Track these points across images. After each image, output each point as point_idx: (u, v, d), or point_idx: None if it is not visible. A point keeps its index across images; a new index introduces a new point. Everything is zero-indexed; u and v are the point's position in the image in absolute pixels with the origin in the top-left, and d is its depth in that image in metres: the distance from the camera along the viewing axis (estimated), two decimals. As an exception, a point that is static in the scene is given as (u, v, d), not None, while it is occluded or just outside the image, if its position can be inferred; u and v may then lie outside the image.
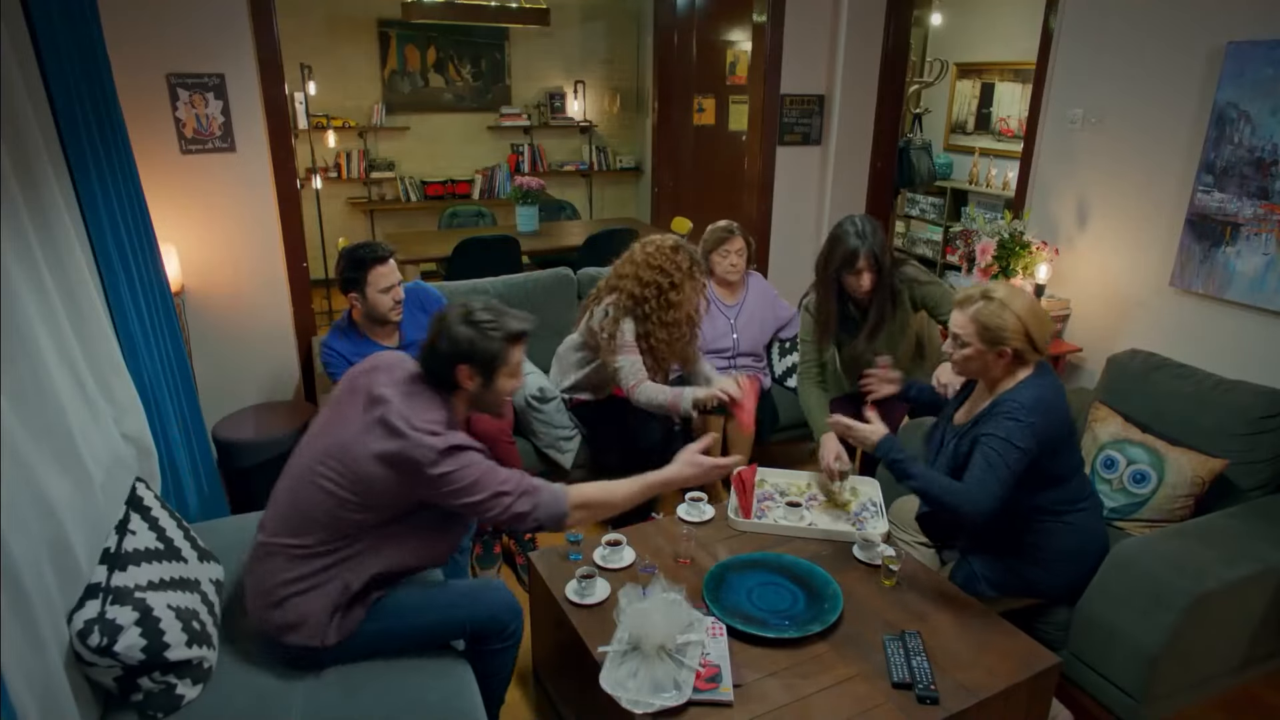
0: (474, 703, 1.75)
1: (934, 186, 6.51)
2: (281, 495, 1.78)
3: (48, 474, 1.57)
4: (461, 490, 1.67)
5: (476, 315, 1.77)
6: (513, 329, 1.79)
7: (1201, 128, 2.89)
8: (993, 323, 1.96)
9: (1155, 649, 1.93)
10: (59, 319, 1.82)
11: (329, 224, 6.18)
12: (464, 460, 1.68)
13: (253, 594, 1.76)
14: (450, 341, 1.74)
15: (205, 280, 3.24)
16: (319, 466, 1.70)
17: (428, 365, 1.79)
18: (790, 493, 2.50)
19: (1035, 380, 2.01)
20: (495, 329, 1.77)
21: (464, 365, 1.75)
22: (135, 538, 1.77)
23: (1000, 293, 1.99)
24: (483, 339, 1.75)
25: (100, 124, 2.19)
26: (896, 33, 4.39)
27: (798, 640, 1.85)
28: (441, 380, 1.78)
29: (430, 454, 1.64)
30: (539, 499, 1.74)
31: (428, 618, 1.82)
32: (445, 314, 1.78)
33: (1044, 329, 2.00)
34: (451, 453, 1.66)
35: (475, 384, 1.78)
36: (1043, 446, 1.96)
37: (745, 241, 3.28)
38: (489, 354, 1.76)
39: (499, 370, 1.79)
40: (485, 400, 1.84)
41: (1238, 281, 2.83)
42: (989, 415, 2.02)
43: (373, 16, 6.33)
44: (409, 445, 1.64)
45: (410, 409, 1.69)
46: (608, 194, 7.68)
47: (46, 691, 1.41)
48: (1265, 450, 2.34)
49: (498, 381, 1.81)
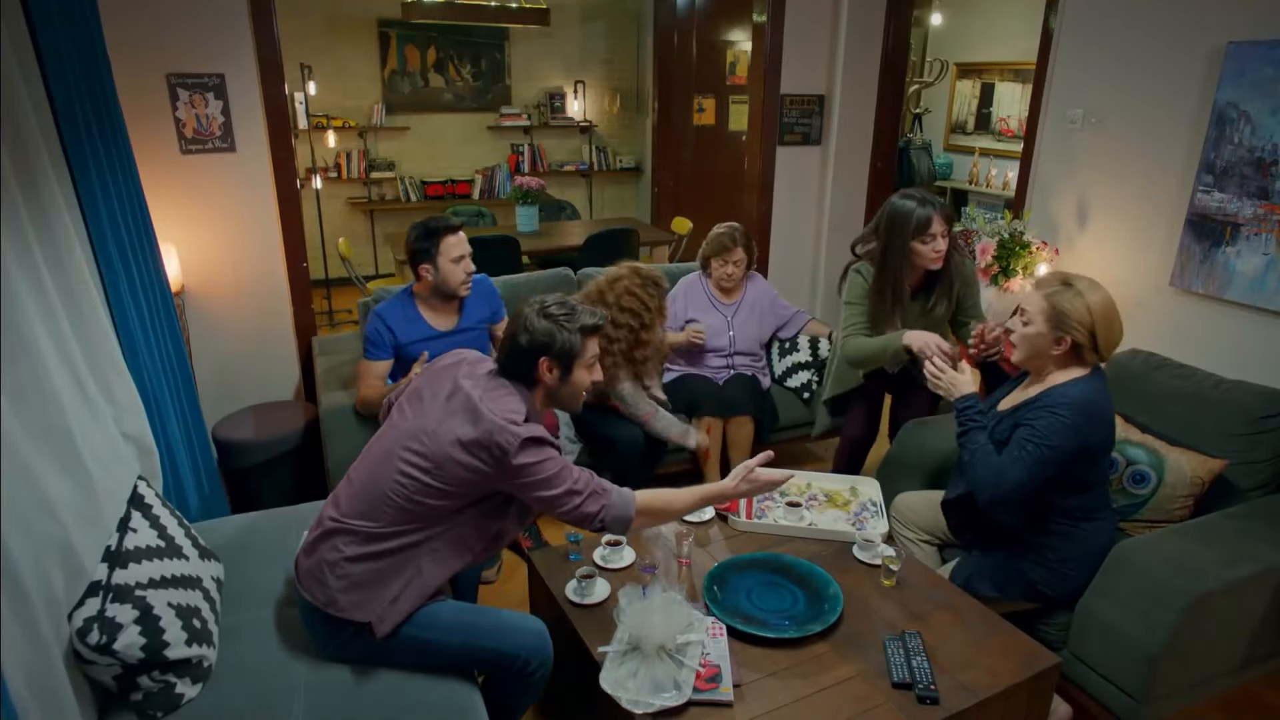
0: (476, 704, 1.75)
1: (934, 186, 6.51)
2: (360, 477, 1.79)
3: (48, 474, 1.57)
4: (538, 483, 1.71)
5: (552, 309, 1.82)
6: (587, 322, 1.85)
7: (1201, 128, 2.89)
8: (1064, 307, 1.97)
9: (1155, 649, 1.93)
10: (59, 319, 1.82)
11: (329, 224, 6.19)
12: (544, 454, 1.72)
13: (311, 567, 1.75)
14: (530, 334, 1.79)
15: (205, 280, 3.24)
16: (402, 451, 1.72)
17: (508, 360, 1.83)
18: (790, 493, 2.50)
19: (1088, 382, 2.00)
20: (572, 321, 1.81)
21: (544, 358, 1.80)
22: (136, 535, 1.77)
23: (1081, 284, 2.00)
24: (561, 331, 1.79)
25: (100, 124, 2.19)
26: (896, 33, 4.39)
27: (798, 640, 1.85)
28: (521, 374, 1.82)
29: (513, 442, 1.67)
30: (608, 500, 1.77)
31: (458, 638, 1.79)
32: (522, 310, 1.84)
33: (1111, 332, 1.99)
34: (532, 444, 1.70)
35: (554, 377, 1.83)
36: (1079, 450, 1.96)
37: (747, 251, 3.27)
38: (568, 346, 1.80)
39: (576, 362, 1.84)
40: (562, 394, 1.87)
41: (1238, 281, 2.83)
42: (1034, 405, 2.01)
43: (373, 16, 6.33)
44: (493, 432, 1.67)
45: (493, 400, 1.74)
46: (608, 194, 7.68)
47: (47, 690, 1.41)
48: (1265, 450, 2.33)
49: (575, 374, 1.85)
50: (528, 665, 1.81)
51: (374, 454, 1.81)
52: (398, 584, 1.74)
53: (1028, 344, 2.04)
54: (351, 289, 5.68)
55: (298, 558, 1.82)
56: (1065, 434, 1.93)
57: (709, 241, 3.29)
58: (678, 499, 1.90)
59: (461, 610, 1.84)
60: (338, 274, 6.06)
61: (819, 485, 2.57)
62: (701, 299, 3.34)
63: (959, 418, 2.11)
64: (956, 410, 2.13)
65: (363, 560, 1.72)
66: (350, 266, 4.94)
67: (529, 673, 1.82)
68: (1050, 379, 2.04)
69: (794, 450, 3.74)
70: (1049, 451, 1.93)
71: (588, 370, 1.88)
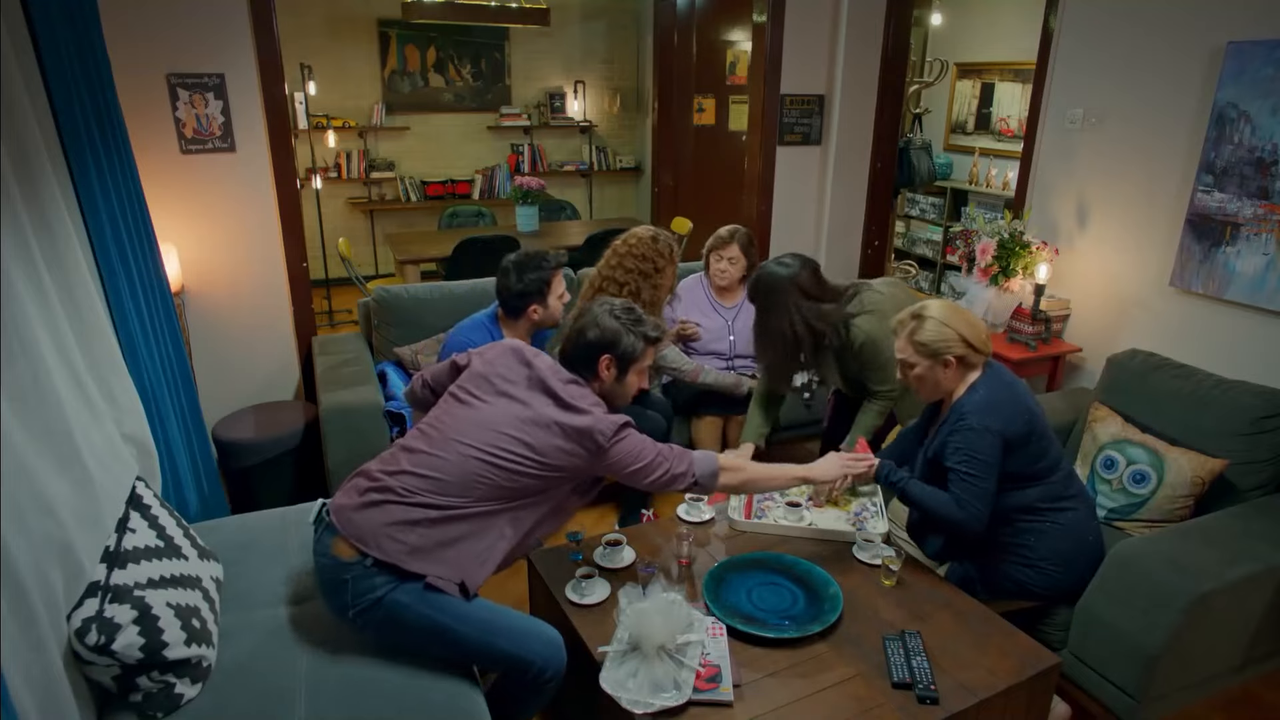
0: (477, 703, 1.75)
1: (934, 186, 6.50)
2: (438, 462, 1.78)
3: (47, 474, 1.57)
4: (633, 461, 1.84)
5: (619, 313, 1.95)
6: (650, 332, 1.97)
7: (1201, 128, 2.89)
8: (926, 337, 2.05)
9: (1155, 649, 1.93)
10: (59, 319, 1.82)
11: (329, 224, 6.19)
12: (628, 433, 1.85)
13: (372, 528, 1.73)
14: (600, 331, 1.90)
15: (205, 280, 3.24)
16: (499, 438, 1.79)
17: (574, 352, 1.93)
18: (790, 493, 2.50)
19: (982, 382, 2.06)
20: (638, 326, 1.95)
21: (607, 355, 1.91)
22: (135, 535, 1.77)
23: (927, 309, 2.08)
24: (628, 334, 1.92)
25: (100, 124, 2.19)
26: (896, 33, 4.39)
27: (798, 640, 1.85)
28: (582, 369, 1.93)
29: (609, 432, 1.81)
30: (693, 457, 1.92)
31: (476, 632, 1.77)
32: (591, 309, 1.96)
33: (975, 329, 2.06)
34: (624, 429, 1.84)
35: (611, 375, 1.93)
36: (1005, 445, 1.99)
37: (745, 253, 3.25)
38: (630, 349, 1.92)
39: (633, 366, 1.95)
40: (614, 394, 1.97)
41: (1238, 281, 2.83)
42: (946, 422, 2.07)
43: (373, 16, 6.33)
44: (593, 424, 1.80)
45: (580, 393, 1.87)
46: (608, 194, 7.68)
47: (46, 691, 1.41)
48: (1265, 450, 2.34)
49: (629, 376, 1.96)
50: (543, 673, 1.80)
51: (452, 432, 1.83)
52: (482, 544, 1.79)
53: (926, 384, 2.11)
54: (351, 289, 5.68)
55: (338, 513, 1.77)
56: (983, 438, 1.97)
57: (710, 240, 3.31)
58: (764, 469, 2.08)
59: (481, 605, 1.83)
60: (338, 274, 6.07)
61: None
62: (702, 302, 3.34)
63: (888, 485, 2.18)
64: (881, 480, 2.19)
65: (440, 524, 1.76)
66: (350, 266, 4.94)
67: (543, 680, 1.82)
68: (954, 397, 2.09)
69: (795, 451, 3.74)
70: (981, 463, 1.98)
71: (639, 376, 1.98)
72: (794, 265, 2.53)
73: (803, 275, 2.51)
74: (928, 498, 2.07)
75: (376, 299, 3.29)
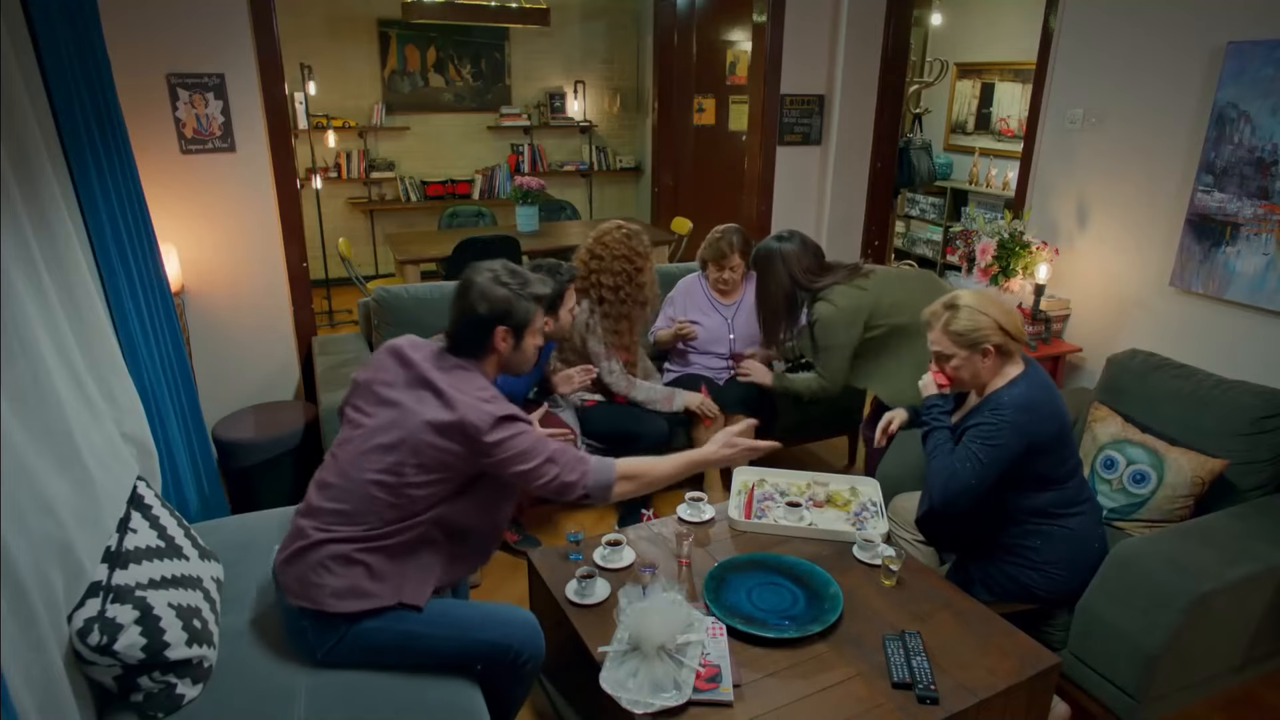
0: (477, 703, 1.75)
1: (934, 186, 6.51)
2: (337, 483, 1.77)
3: (48, 474, 1.57)
4: (515, 457, 1.73)
5: (505, 277, 1.83)
6: (540, 291, 1.87)
7: (1201, 128, 2.89)
8: (964, 327, 2.02)
9: (1155, 649, 1.93)
10: (59, 319, 1.82)
11: (329, 224, 6.19)
12: (516, 429, 1.74)
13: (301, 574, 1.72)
14: (490, 303, 1.79)
15: (205, 280, 3.24)
16: (376, 448, 1.73)
17: (465, 330, 1.83)
18: (790, 493, 2.50)
19: (1024, 379, 2.04)
20: (526, 289, 1.84)
21: (501, 327, 1.81)
22: (136, 536, 1.77)
23: (960, 298, 2.06)
24: (519, 300, 1.82)
25: (100, 124, 2.19)
26: (896, 33, 4.39)
27: (798, 640, 1.85)
28: (474, 346, 1.83)
29: (486, 421, 1.70)
30: (588, 467, 1.80)
31: (450, 632, 1.78)
32: (472, 279, 1.83)
33: (1012, 319, 2.04)
34: (505, 421, 1.72)
35: (507, 345, 1.84)
36: (1031, 446, 1.98)
37: (744, 255, 3.24)
38: (525, 314, 1.83)
39: (528, 330, 1.86)
40: (513, 362, 1.90)
41: (1238, 281, 2.83)
42: (978, 412, 2.05)
43: (373, 16, 6.33)
44: (465, 412, 1.70)
45: (459, 380, 1.76)
46: (608, 194, 7.68)
47: (46, 691, 1.41)
48: (1265, 450, 2.33)
49: (525, 340, 1.87)
50: (519, 656, 1.81)
51: (346, 457, 1.79)
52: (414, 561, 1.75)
53: (962, 373, 2.08)
54: (351, 289, 5.68)
55: (277, 568, 1.80)
56: (1009, 432, 1.96)
57: (707, 245, 3.28)
58: (662, 464, 1.91)
59: (449, 605, 1.84)
60: (338, 274, 6.06)
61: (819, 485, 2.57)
62: (701, 300, 3.34)
63: (924, 416, 2.18)
64: (924, 408, 2.19)
65: (357, 561, 1.71)
66: (350, 266, 4.94)
67: (521, 663, 1.83)
68: (990, 387, 2.08)
69: (794, 451, 3.74)
70: (995, 451, 1.96)
71: (535, 337, 1.89)
72: (789, 239, 2.84)
73: (794, 246, 2.81)
74: (940, 450, 2.06)
75: (376, 299, 3.29)
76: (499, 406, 1.74)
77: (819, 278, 2.80)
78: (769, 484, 2.57)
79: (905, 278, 2.91)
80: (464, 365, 1.82)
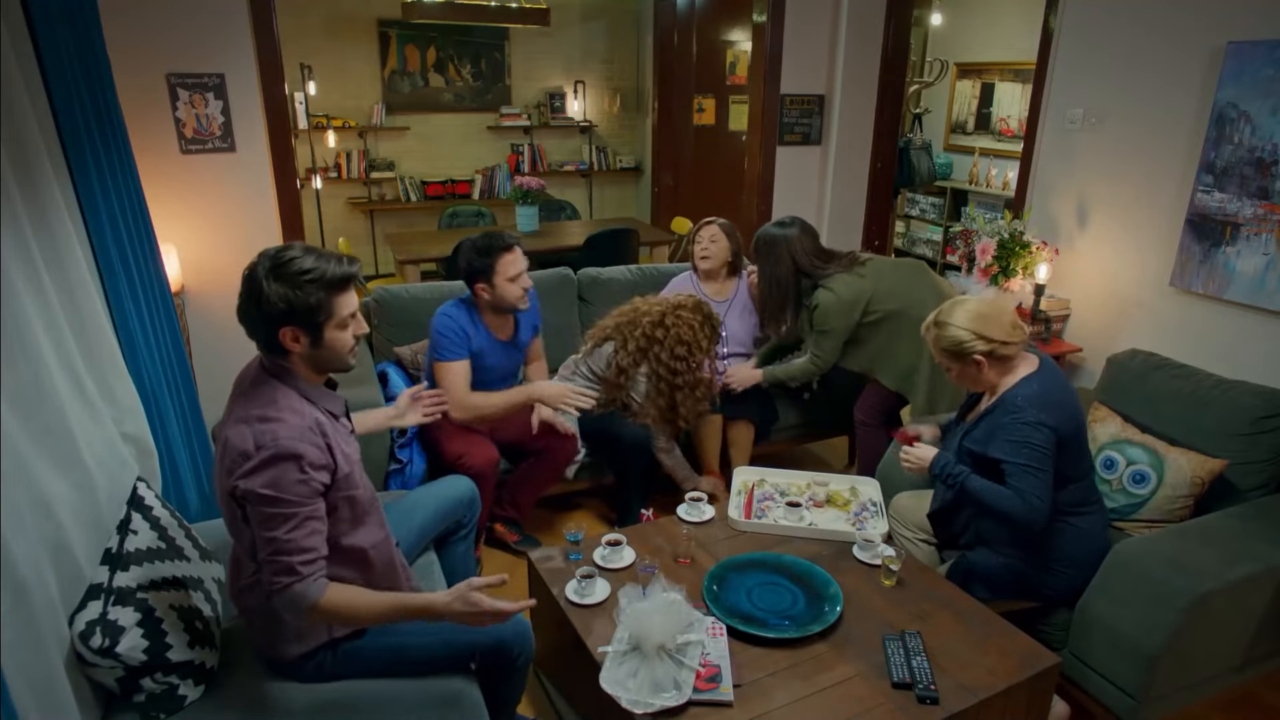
0: (475, 700, 1.75)
1: (934, 186, 6.51)
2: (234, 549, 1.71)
3: (48, 474, 1.57)
4: (259, 522, 1.47)
5: (288, 266, 1.52)
6: (334, 274, 1.55)
7: (1201, 128, 2.89)
8: (948, 344, 2.06)
9: (1155, 649, 1.93)
10: (59, 319, 1.82)
11: (329, 224, 6.19)
12: (274, 475, 1.45)
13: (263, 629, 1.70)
14: (264, 303, 1.51)
15: (205, 280, 3.24)
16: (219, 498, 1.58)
17: (261, 340, 1.58)
18: (790, 493, 2.50)
19: (1038, 376, 2.05)
20: (312, 279, 1.52)
21: (286, 328, 1.54)
22: (137, 537, 1.77)
23: (945, 314, 2.09)
24: (299, 294, 1.51)
25: (100, 124, 2.19)
26: (896, 33, 4.39)
27: (798, 640, 1.85)
28: (271, 348, 1.58)
29: (237, 458, 1.46)
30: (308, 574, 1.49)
31: (439, 638, 1.76)
32: (253, 271, 1.54)
33: (993, 324, 2.03)
34: (263, 466, 1.45)
35: (303, 346, 1.57)
36: (1058, 441, 1.98)
37: (728, 236, 3.25)
38: (313, 309, 1.53)
39: (327, 325, 1.57)
40: (322, 361, 1.62)
41: (1237, 281, 2.83)
42: (993, 413, 2.05)
43: (373, 16, 6.33)
44: (230, 436, 1.49)
45: (246, 402, 1.54)
46: (608, 194, 7.68)
47: (48, 692, 1.41)
48: (1265, 450, 2.33)
49: (328, 334, 1.58)
50: (510, 652, 1.81)
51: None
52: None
53: (967, 381, 2.13)
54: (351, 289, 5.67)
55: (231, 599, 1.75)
56: (1039, 431, 1.97)
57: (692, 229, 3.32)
58: (369, 604, 1.57)
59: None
60: (338, 274, 6.05)
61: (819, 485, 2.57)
62: None
63: (945, 482, 2.12)
64: (938, 477, 2.14)
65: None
66: (350, 266, 4.93)
67: (513, 659, 1.82)
68: (1002, 386, 2.09)
69: (794, 451, 3.74)
70: (1040, 454, 1.96)
71: (343, 328, 1.60)
72: (791, 224, 2.94)
73: (797, 233, 2.92)
74: (989, 492, 2.01)
75: (376, 299, 3.28)
76: (272, 442, 1.45)
77: (821, 265, 2.91)
78: (769, 484, 2.57)
79: (899, 266, 3.07)
80: (263, 376, 1.58)
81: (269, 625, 1.67)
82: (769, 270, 2.95)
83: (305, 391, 1.60)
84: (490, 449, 2.67)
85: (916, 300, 2.87)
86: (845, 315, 2.87)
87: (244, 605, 1.71)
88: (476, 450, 2.61)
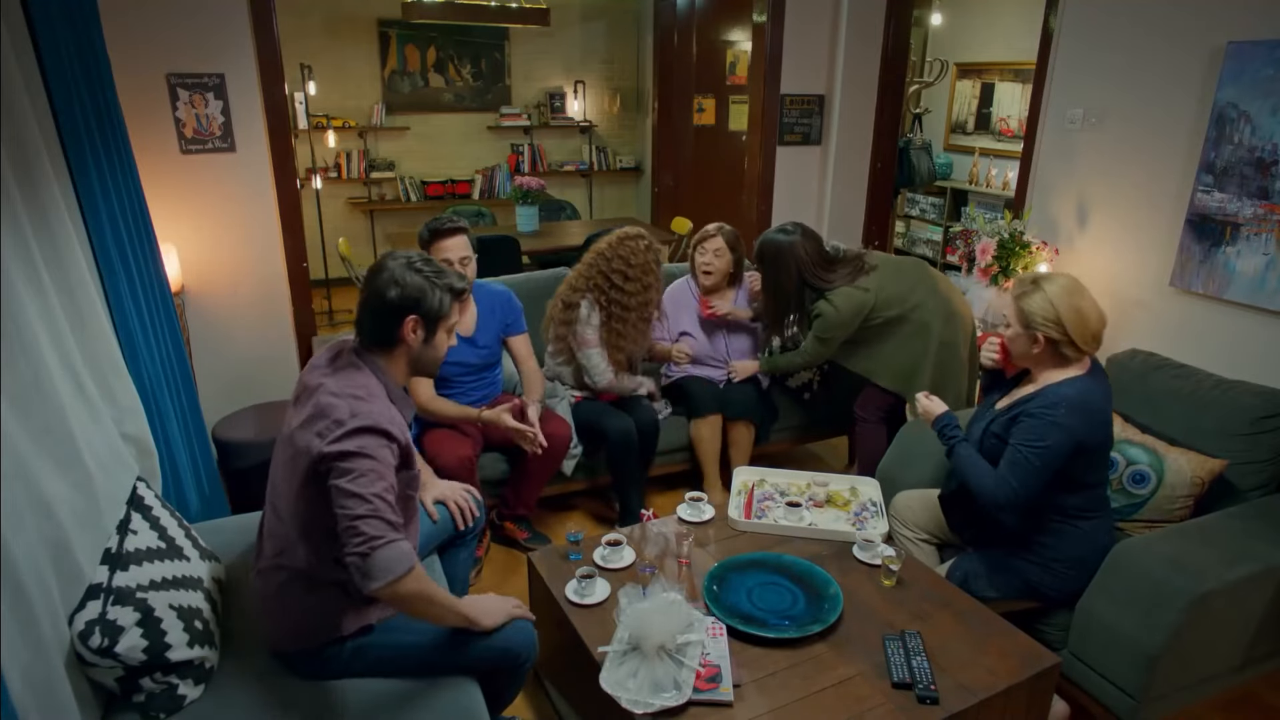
0: (476, 700, 1.75)
1: (934, 186, 6.51)
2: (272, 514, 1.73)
3: (48, 474, 1.57)
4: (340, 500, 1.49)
5: (420, 264, 1.70)
6: (456, 284, 1.74)
7: (1201, 128, 2.89)
8: (1028, 307, 2.01)
9: (1155, 649, 1.93)
10: (59, 319, 1.82)
11: (329, 224, 6.19)
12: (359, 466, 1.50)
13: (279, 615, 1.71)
14: (401, 289, 1.65)
15: (205, 280, 3.24)
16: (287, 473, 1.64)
17: (371, 319, 1.69)
18: (790, 493, 2.50)
19: (1083, 381, 2.02)
20: (441, 279, 1.71)
21: (412, 316, 1.67)
22: (136, 537, 1.77)
23: (1049, 282, 2.02)
24: (433, 289, 1.68)
25: (100, 124, 2.19)
26: (896, 33, 4.39)
27: (798, 640, 1.85)
28: (382, 338, 1.69)
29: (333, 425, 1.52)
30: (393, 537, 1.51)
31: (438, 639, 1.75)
32: (385, 264, 1.69)
33: (1084, 324, 1.99)
34: (346, 459, 1.50)
35: (418, 338, 1.71)
36: (1076, 447, 1.97)
37: (731, 248, 3.19)
38: (438, 304, 1.70)
39: (441, 325, 1.73)
40: (423, 359, 1.75)
41: (1238, 281, 2.83)
42: (1027, 403, 2.03)
43: (373, 16, 6.33)
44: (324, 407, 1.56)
45: (339, 380, 1.62)
46: (608, 194, 7.68)
47: (47, 692, 1.41)
48: (1265, 450, 2.33)
49: (438, 336, 1.74)
50: (518, 658, 1.81)
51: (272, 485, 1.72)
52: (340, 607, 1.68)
53: (1016, 348, 2.10)
54: (351, 289, 5.68)
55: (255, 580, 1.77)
56: (1057, 432, 1.94)
57: (695, 235, 3.27)
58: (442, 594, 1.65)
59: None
60: (338, 274, 6.06)
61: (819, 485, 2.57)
62: (692, 306, 3.28)
63: (940, 437, 2.18)
64: (936, 430, 2.19)
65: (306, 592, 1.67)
66: (350, 266, 4.94)
67: (519, 664, 1.83)
68: (1044, 378, 2.06)
69: (794, 451, 3.74)
70: (1043, 452, 1.95)
71: (448, 334, 1.77)
72: (794, 232, 2.93)
73: (800, 239, 2.90)
74: (970, 462, 2.05)
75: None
76: (366, 415, 1.54)
77: (826, 276, 2.92)
78: (769, 484, 2.58)
79: (902, 269, 3.04)
80: (358, 364, 1.67)
81: (284, 612, 1.69)
82: (773, 279, 2.96)
83: (390, 390, 1.71)
84: (463, 446, 2.64)
85: (917, 304, 2.89)
86: (845, 327, 2.92)
87: (263, 589, 1.71)
88: (448, 450, 2.60)
